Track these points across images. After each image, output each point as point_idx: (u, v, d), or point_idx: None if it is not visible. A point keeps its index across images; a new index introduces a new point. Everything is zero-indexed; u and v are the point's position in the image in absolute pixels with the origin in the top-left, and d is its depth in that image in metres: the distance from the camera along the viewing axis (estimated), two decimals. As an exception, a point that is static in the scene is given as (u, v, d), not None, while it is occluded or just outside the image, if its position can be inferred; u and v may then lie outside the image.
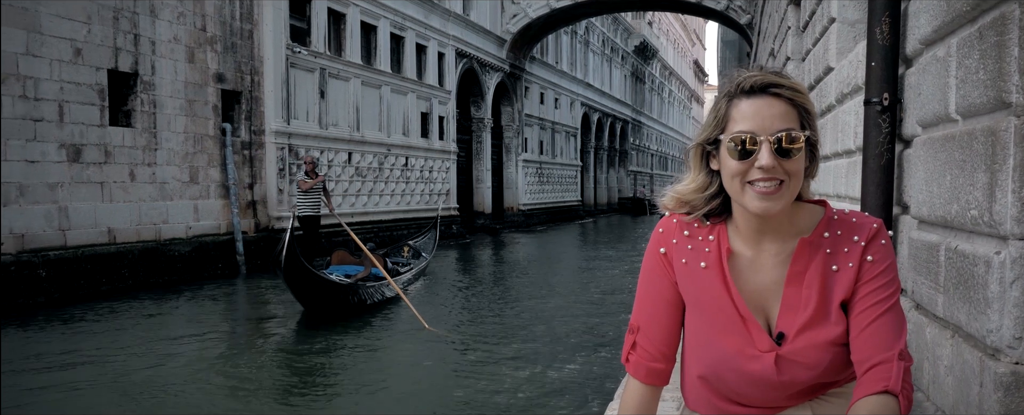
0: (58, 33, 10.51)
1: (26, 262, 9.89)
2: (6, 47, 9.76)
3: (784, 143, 1.32)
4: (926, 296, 2.30)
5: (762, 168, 1.32)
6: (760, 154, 1.32)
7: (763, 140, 1.32)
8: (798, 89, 1.37)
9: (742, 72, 1.39)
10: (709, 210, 1.48)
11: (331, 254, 11.62)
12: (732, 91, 1.38)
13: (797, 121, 1.35)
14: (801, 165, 1.36)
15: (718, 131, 1.39)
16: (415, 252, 13.98)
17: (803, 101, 1.37)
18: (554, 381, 6.80)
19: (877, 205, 2.81)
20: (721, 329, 1.43)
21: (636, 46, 48.08)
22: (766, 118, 1.33)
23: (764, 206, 1.34)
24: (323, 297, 9.44)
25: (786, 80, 1.36)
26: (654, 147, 58.25)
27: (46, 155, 10.34)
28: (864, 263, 1.39)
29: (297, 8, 16.09)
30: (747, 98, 1.36)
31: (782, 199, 1.35)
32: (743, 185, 1.35)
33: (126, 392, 6.35)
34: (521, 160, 30.13)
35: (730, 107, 1.38)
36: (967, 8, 1.88)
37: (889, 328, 1.35)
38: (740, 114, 1.36)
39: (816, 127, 1.41)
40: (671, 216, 1.53)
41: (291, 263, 8.83)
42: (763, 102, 1.35)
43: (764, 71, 1.38)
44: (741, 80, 1.37)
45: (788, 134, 1.33)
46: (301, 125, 16.04)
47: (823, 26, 4.82)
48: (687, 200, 1.48)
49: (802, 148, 1.34)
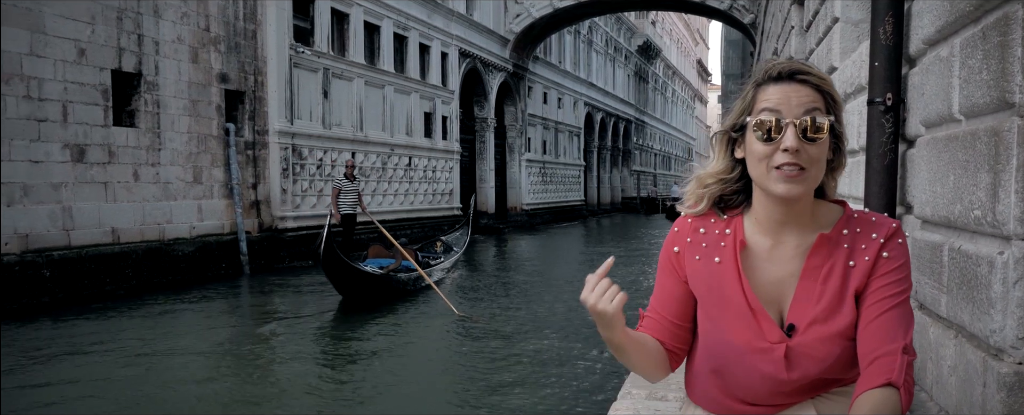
0: (62, 33, 10.53)
1: (30, 262, 9.91)
2: (10, 47, 9.78)
3: (809, 127, 1.35)
4: (929, 296, 2.30)
5: (787, 150, 1.35)
6: (785, 136, 1.35)
7: (788, 123, 1.36)
8: (824, 77, 1.40)
9: (770, 61, 1.43)
10: (727, 200, 1.51)
11: (368, 248, 12.57)
12: (760, 79, 1.42)
13: (823, 107, 1.38)
14: (824, 153, 1.39)
15: (746, 116, 1.42)
16: (447, 247, 14.74)
17: (829, 89, 1.40)
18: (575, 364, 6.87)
19: (880, 205, 2.81)
20: (731, 322, 1.45)
21: (639, 46, 48.04)
22: (792, 102, 1.37)
23: (787, 188, 1.36)
24: (359, 286, 10.47)
25: (813, 68, 1.40)
26: (657, 147, 58.20)
27: (50, 155, 10.36)
28: (880, 259, 1.41)
29: (300, 8, 16.11)
30: (774, 84, 1.40)
31: (804, 183, 1.37)
32: (768, 169, 1.38)
33: (143, 390, 6.37)
34: (524, 160, 30.13)
35: (757, 93, 1.41)
36: (970, 8, 1.88)
37: (896, 322, 1.37)
38: (767, 99, 1.39)
39: (842, 119, 1.43)
40: (685, 216, 1.55)
41: (329, 255, 9.88)
42: (790, 88, 1.38)
43: (792, 60, 1.41)
44: (769, 68, 1.41)
45: (813, 118, 1.36)
46: (304, 125, 16.06)
47: (826, 26, 4.81)
48: (708, 183, 1.50)
49: (826, 135, 1.37)
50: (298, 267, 14.83)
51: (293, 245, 15.31)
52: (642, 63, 50.50)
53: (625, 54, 45.90)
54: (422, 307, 10.54)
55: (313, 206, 16.24)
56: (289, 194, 15.45)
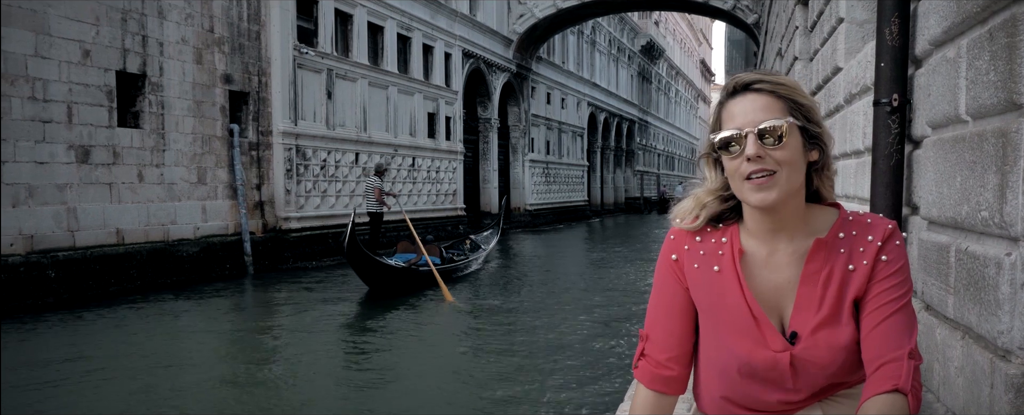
0: (67, 35, 10.56)
1: (35, 263, 9.93)
2: (16, 49, 9.81)
3: (766, 132, 1.37)
4: (936, 297, 2.30)
5: (750, 159, 1.36)
6: (747, 145, 1.37)
7: (747, 133, 1.38)
8: (780, 82, 1.41)
9: (733, 77, 1.45)
10: (722, 214, 1.51)
11: (397, 244, 13.85)
12: (722, 97, 1.45)
13: (783, 112, 1.39)
14: (793, 154, 1.38)
15: (714, 136, 1.44)
16: (474, 245, 15.76)
17: (788, 93, 1.40)
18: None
19: (886, 206, 2.81)
20: (734, 331, 1.44)
21: (643, 46, 48.02)
22: (749, 113, 1.39)
23: (760, 196, 1.37)
24: (383, 278, 11.44)
25: (769, 75, 1.42)
26: (661, 147, 58.17)
27: (55, 156, 10.38)
28: (878, 263, 1.40)
29: (304, 9, 16.13)
30: (732, 99, 1.43)
31: (775, 188, 1.37)
32: (741, 181, 1.39)
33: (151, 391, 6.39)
34: (528, 160, 30.12)
35: (721, 111, 1.44)
36: (977, 9, 1.87)
37: (900, 327, 1.36)
38: (729, 115, 1.42)
39: (817, 119, 1.43)
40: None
41: (353, 250, 10.84)
42: (746, 99, 1.41)
43: (753, 70, 1.43)
44: (727, 83, 1.45)
45: (770, 123, 1.37)
46: (308, 126, 16.08)
47: (831, 26, 4.81)
48: (705, 202, 1.51)
49: (787, 136, 1.37)
50: (302, 267, 14.87)
51: (297, 245, 15.33)
52: (645, 63, 50.48)
53: (628, 54, 45.87)
54: (432, 298, 11.25)
55: (317, 207, 16.27)
56: (293, 195, 15.47)
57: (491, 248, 16.06)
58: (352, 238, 10.65)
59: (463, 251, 15.01)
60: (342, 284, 12.66)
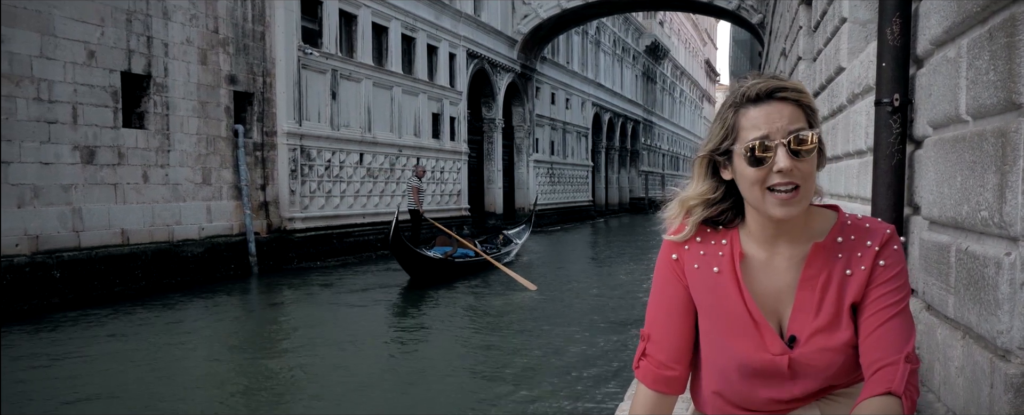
0: (72, 36, 10.59)
1: (40, 263, 9.97)
2: (21, 50, 9.84)
3: (795, 144, 1.34)
4: (937, 297, 2.29)
5: (781, 171, 1.33)
6: (777, 158, 1.34)
7: (777, 144, 1.34)
8: (801, 90, 1.39)
9: (744, 82, 1.41)
10: (719, 218, 1.50)
11: (436, 238, 15.23)
12: (738, 101, 1.39)
13: (805, 121, 1.37)
14: (814, 166, 1.37)
15: (729, 142, 1.40)
16: (507, 239, 17.08)
17: (808, 101, 1.39)
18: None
19: (888, 206, 2.80)
20: (733, 333, 1.44)
21: (647, 46, 47.96)
22: (776, 122, 1.35)
23: (785, 211, 1.35)
24: (423, 268, 12.86)
25: (789, 83, 1.38)
26: (665, 147, 58.10)
27: (60, 157, 10.42)
28: (876, 267, 1.40)
29: (309, 9, 16.15)
30: (754, 105, 1.38)
31: (801, 203, 1.36)
32: (763, 192, 1.36)
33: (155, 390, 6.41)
34: (532, 160, 30.11)
35: (738, 116, 1.39)
36: (977, 9, 1.87)
37: (898, 332, 1.36)
38: (750, 122, 1.37)
39: (819, 123, 1.42)
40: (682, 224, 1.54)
41: (396, 243, 12.31)
42: (771, 107, 1.36)
43: (764, 77, 1.39)
44: (745, 89, 1.38)
45: (798, 135, 1.34)
46: (313, 126, 16.10)
47: (834, 26, 4.80)
48: (691, 205, 1.49)
49: (814, 148, 1.36)
50: (307, 268, 14.89)
51: (302, 246, 15.36)
52: (650, 63, 50.43)
53: (633, 54, 45.83)
54: (464, 288, 12.25)
55: (321, 207, 16.29)
56: (298, 195, 15.49)
57: (523, 243, 17.35)
58: (396, 233, 12.06)
59: (496, 245, 16.14)
60: (344, 284, 12.69)
